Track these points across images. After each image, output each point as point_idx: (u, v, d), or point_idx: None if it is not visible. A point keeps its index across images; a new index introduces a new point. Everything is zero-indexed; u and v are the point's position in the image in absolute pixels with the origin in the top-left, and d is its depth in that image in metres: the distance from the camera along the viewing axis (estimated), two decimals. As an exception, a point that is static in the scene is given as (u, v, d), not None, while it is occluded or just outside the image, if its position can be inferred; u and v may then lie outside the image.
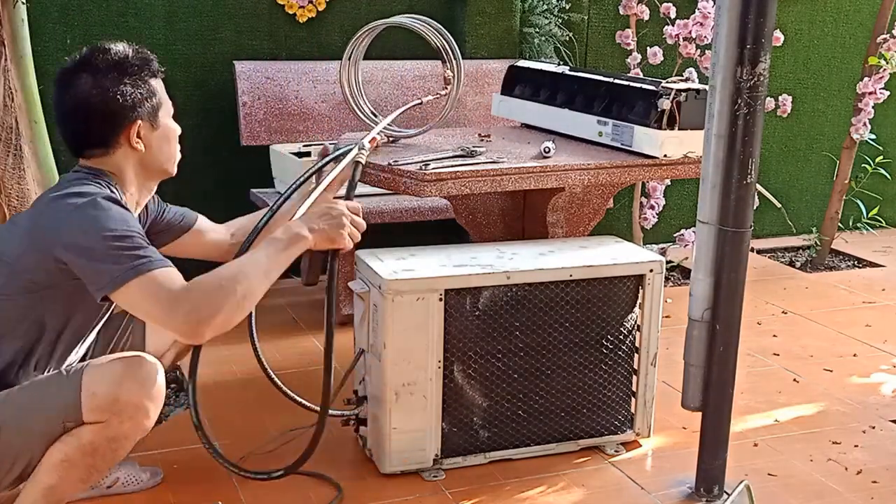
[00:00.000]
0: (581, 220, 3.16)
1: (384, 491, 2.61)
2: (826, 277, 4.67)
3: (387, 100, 4.17)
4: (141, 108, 2.21)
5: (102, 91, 2.18)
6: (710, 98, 2.41)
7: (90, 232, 2.03)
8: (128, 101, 2.19)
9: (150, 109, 2.23)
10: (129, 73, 2.21)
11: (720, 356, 2.50)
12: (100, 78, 2.19)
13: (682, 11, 4.14)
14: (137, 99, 2.20)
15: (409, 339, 2.57)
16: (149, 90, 2.24)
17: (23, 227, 2.15)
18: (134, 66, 2.22)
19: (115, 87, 2.18)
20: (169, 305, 2.01)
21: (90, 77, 2.20)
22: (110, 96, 2.18)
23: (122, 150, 2.22)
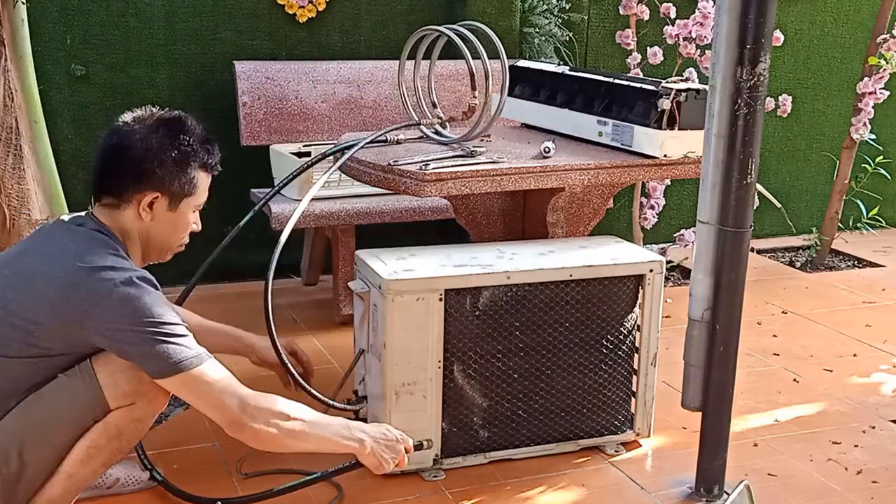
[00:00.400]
0: (581, 220, 3.15)
1: (384, 491, 2.61)
2: (826, 277, 4.67)
3: (387, 100, 4.17)
4: (169, 184, 2.18)
5: (146, 147, 2.16)
6: (710, 98, 2.41)
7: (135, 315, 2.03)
8: (160, 171, 2.17)
9: (177, 190, 2.20)
10: (180, 150, 2.19)
11: (720, 356, 2.50)
12: (153, 136, 2.18)
13: (682, 11, 4.14)
14: (171, 175, 2.18)
15: (409, 339, 2.57)
16: (189, 176, 2.21)
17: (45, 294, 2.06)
18: (189, 148, 2.21)
19: (160, 152, 2.17)
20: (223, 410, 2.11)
21: (146, 131, 2.19)
22: (150, 155, 2.16)
23: (131, 212, 2.19)
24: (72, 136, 3.94)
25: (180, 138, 2.21)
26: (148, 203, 2.18)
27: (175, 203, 2.22)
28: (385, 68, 4.20)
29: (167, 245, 2.28)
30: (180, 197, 2.22)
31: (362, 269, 2.73)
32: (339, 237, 3.83)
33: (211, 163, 2.27)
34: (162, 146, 2.18)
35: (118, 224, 2.20)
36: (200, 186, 2.25)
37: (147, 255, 2.27)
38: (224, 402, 2.09)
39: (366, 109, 4.17)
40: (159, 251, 2.28)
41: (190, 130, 2.24)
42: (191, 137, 2.22)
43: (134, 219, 2.20)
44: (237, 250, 2.94)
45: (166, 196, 2.20)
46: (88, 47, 3.92)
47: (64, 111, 3.92)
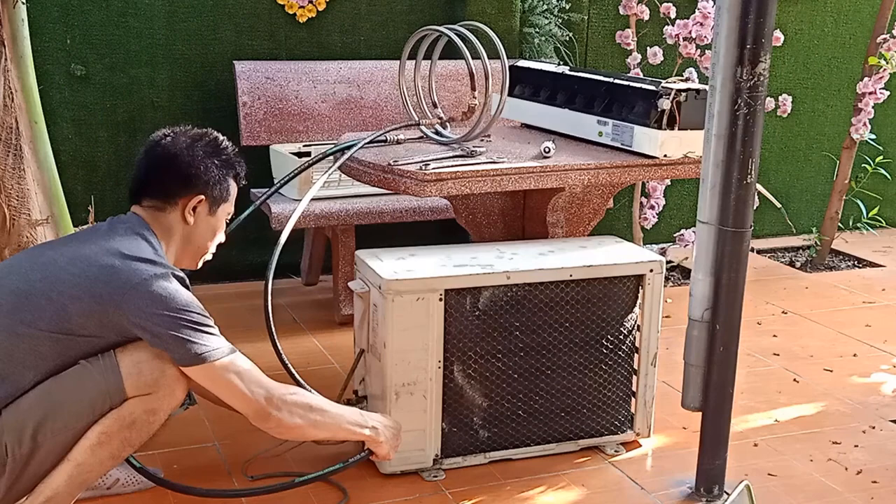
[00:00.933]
0: (581, 220, 3.15)
1: (384, 491, 2.61)
2: (826, 277, 4.67)
3: (387, 100, 4.17)
4: (212, 189, 2.33)
5: (193, 154, 2.32)
6: (710, 98, 2.41)
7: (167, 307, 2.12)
8: (206, 176, 2.32)
9: (217, 195, 2.35)
10: (220, 158, 2.36)
11: (720, 356, 2.50)
12: (197, 144, 2.34)
13: (682, 11, 4.15)
14: (214, 180, 2.33)
15: (409, 339, 2.57)
16: (226, 184, 2.37)
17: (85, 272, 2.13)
18: (228, 158, 2.39)
19: (205, 158, 2.33)
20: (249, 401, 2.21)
21: (190, 140, 2.34)
22: (196, 161, 2.31)
23: (175, 215, 2.31)
24: (72, 136, 3.94)
25: (221, 147, 2.39)
26: (193, 206, 2.31)
27: (215, 208, 2.36)
28: (385, 68, 4.20)
29: (202, 249, 2.41)
30: (219, 202, 2.37)
31: (362, 269, 2.73)
32: (339, 237, 3.83)
33: (241, 173, 2.44)
34: (207, 153, 2.34)
35: (160, 225, 2.31)
36: (232, 195, 2.42)
37: (181, 259, 2.37)
38: (251, 393, 2.20)
39: (366, 109, 4.17)
40: (193, 256, 2.40)
41: (224, 145, 2.41)
42: (227, 150, 2.41)
43: (178, 221, 2.32)
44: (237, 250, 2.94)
45: (208, 200, 2.34)
46: (88, 47, 3.92)
47: (64, 111, 3.92)
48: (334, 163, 2.90)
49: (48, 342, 2.11)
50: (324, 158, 2.99)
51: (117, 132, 4.02)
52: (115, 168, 4.02)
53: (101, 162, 4.02)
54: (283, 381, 2.64)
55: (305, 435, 2.38)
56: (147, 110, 4.04)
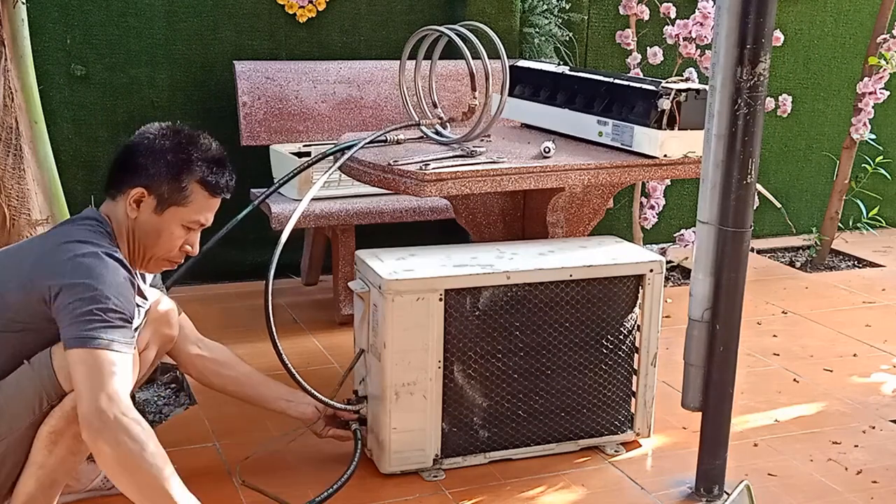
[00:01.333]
0: (581, 220, 3.15)
1: (384, 491, 2.61)
2: (826, 277, 4.67)
3: (387, 100, 4.17)
4: (158, 185, 2.20)
5: (150, 146, 2.22)
6: (710, 98, 2.41)
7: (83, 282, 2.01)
8: (152, 169, 2.20)
9: (164, 194, 2.20)
10: (179, 157, 2.21)
11: (720, 356, 2.50)
12: (159, 138, 2.23)
13: (682, 11, 4.14)
14: (161, 175, 2.20)
15: (409, 339, 2.57)
16: (180, 184, 2.21)
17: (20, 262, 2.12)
18: (189, 160, 2.22)
19: (159, 153, 2.21)
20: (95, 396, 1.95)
21: (156, 133, 2.25)
22: (147, 153, 2.21)
23: (122, 205, 2.22)
24: (72, 136, 3.94)
25: (183, 146, 2.24)
26: (135, 198, 2.20)
27: (161, 207, 2.22)
28: (385, 68, 4.20)
29: (151, 251, 2.26)
30: (167, 203, 2.22)
31: (362, 268, 2.73)
32: (339, 237, 3.83)
33: (212, 181, 2.25)
34: (163, 148, 2.22)
35: (113, 216, 2.24)
36: (195, 203, 2.24)
37: (135, 260, 2.27)
38: (98, 394, 1.94)
39: (366, 109, 4.17)
40: (143, 257, 2.27)
41: (198, 145, 2.26)
42: (195, 150, 2.24)
43: (123, 213, 2.22)
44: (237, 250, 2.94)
45: (153, 196, 2.21)
46: (88, 47, 3.92)
47: (64, 111, 3.92)
48: (334, 163, 2.90)
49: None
50: (324, 158, 3.00)
51: (117, 132, 4.01)
52: (115, 168, 4.02)
53: (101, 162, 4.02)
54: (283, 381, 2.65)
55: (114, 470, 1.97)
56: (147, 110, 4.04)
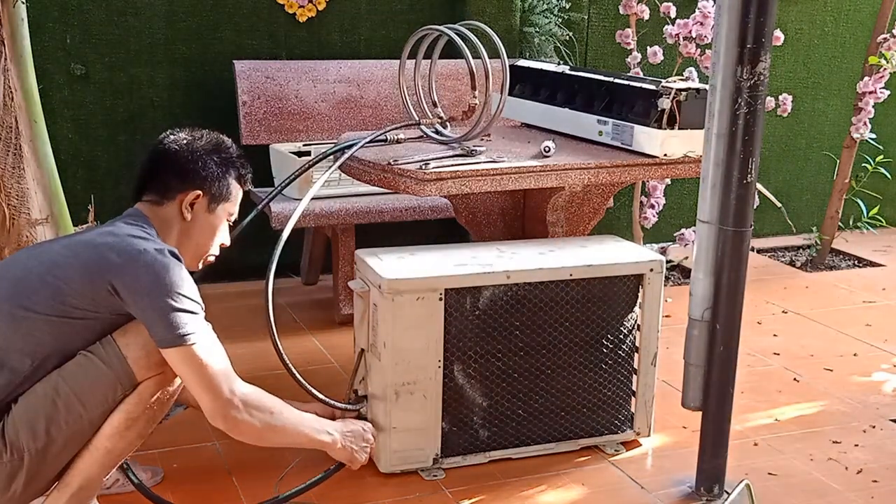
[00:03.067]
0: (581, 220, 3.15)
1: (384, 490, 2.61)
2: (826, 277, 4.67)
3: (387, 99, 4.17)
4: (210, 185, 2.33)
5: (192, 150, 2.33)
6: (711, 97, 2.41)
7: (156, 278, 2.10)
8: (204, 171, 2.32)
9: (216, 193, 2.34)
10: (220, 156, 2.36)
11: (720, 356, 2.50)
12: (198, 142, 2.36)
13: (682, 11, 4.14)
14: (213, 176, 2.33)
15: (409, 338, 2.57)
16: (226, 182, 2.36)
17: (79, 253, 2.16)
18: (229, 157, 2.38)
19: (203, 154, 2.33)
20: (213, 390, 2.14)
21: (190, 138, 2.36)
22: (194, 157, 2.32)
23: (173, 210, 2.30)
24: (72, 136, 3.94)
25: (222, 146, 2.39)
26: (190, 201, 2.31)
27: (213, 205, 2.35)
28: (385, 68, 4.20)
29: (201, 248, 2.38)
30: (218, 200, 2.35)
31: (362, 268, 2.72)
32: (339, 236, 3.83)
33: (245, 175, 2.42)
34: (206, 150, 2.35)
35: (159, 219, 2.31)
36: (234, 195, 2.40)
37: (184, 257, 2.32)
38: (217, 386, 2.15)
39: (366, 109, 4.16)
40: (193, 255, 2.37)
41: (227, 144, 2.41)
42: (231, 149, 2.41)
43: (175, 216, 2.31)
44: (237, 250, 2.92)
45: (207, 196, 2.33)
46: (88, 47, 3.92)
47: (64, 111, 3.92)
48: (334, 162, 2.90)
49: (45, 325, 2.10)
50: (324, 158, 2.99)
51: (117, 131, 4.02)
52: (115, 167, 4.02)
53: (100, 161, 4.02)
54: (284, 381, 2.65)
55: (263, 439, 2.27)
56: (147, 110, 4.04)
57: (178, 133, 2.38)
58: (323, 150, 3.04)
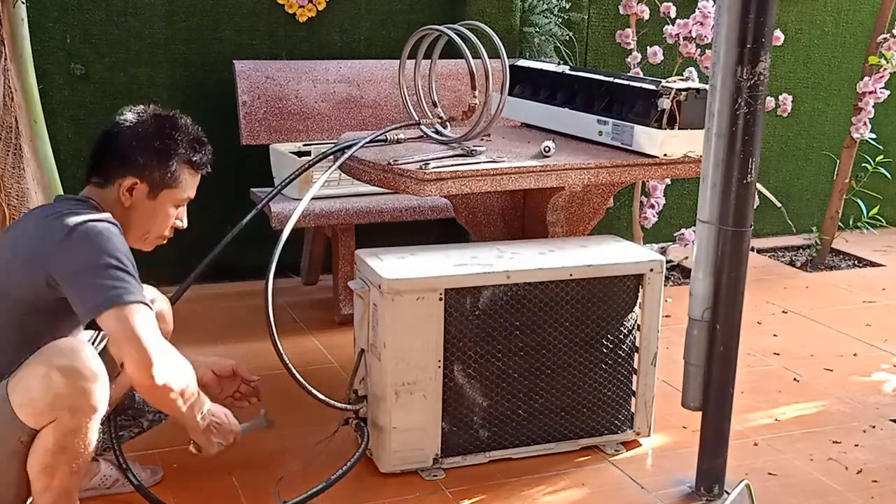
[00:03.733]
0: (581, 220, 3.15)
1: (384, 490, 2.61)
2: (826, 277, 4.67)
3: (387, 99, 4.17)
4: (150, 172, 2.27)
5: (134, 135, 2.28)
6: (711, 97, 2.41)
7: (88, 251, 2.07)
8: (142, 159, 2.26)
9: (156, 180, 2.28)
10: (163, 142, 2.29)
11: (720, 356, 2.50)
12: (141, 126, 2.30)
13: (682, 11, 4.14)
14: (152, 163, 2.27)
15: (409, 338, 2.57)
16: (170, 168, 2.29)
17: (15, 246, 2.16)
18: (173, 142, 2.29)
19: (144, 140, 2.27)
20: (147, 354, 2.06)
21: (137, 120, 2.31)
22: (133, 143, 2.27)
23: (113, 193, 2.27)
24: (71, 136, 3.94)
25: (167, 132, 2.30)
26: (128, 188, 2.26)
27: (154, 192, 2.29)
28: (385, 68, 4.20)
29: (145, 232, 2.34)
30: (160, 187, 2.29)
31: (362, 268, 2.72)
32: (339, 236, 3.83)
33: (197, 160, 2.34)
34: (148, 136, 2.28)
35: (104, 202, 2.28)
36: (184, 182, 2.33)
37: (127, 238, 2.29)
38: (146, 345, 2.05)
39: (366, 109, 4.16)
40: (138, 237, 2.34)
41: (180, 127, 2.33)
42: (178, 133, 2.32)
43: (115, 200, 2.28)
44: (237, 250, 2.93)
45: (146, 183, 2.28)
46: (88, 46, 3.92)
47: (64, 110, 3.92)
48: (334, 162, 2.90)
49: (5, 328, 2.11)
50: (324, 158, 2.99)
51: (117, 131, 4.01)
52: (115, 167, 4.02)
53: (100, 161, 4.02)
54: (284, 381, 2.65)
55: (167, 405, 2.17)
56: (147, 110, 4.04)
57: (127, 113, 2.32)
58: (323, 150, 3.04)
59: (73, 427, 2.05)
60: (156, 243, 2.39)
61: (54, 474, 2.08)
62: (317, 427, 2.78)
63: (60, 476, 2.09)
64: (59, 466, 2.08)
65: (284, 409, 2.76)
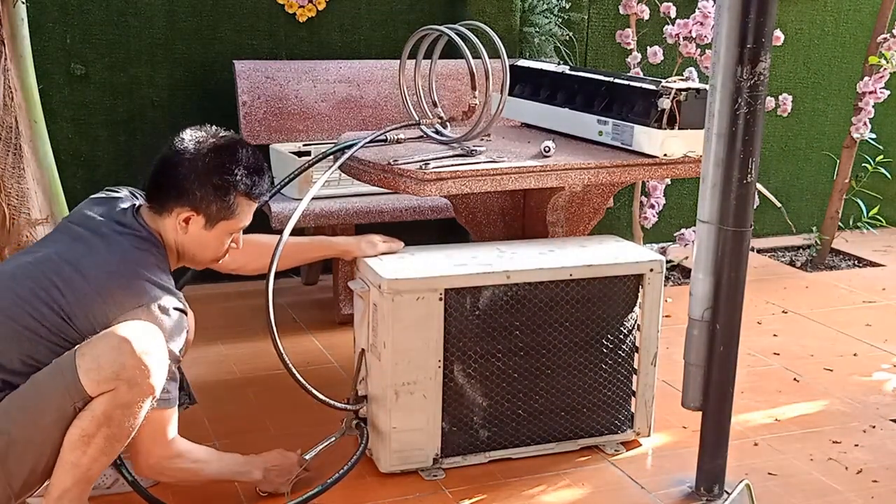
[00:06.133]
0: (581, 220, 3.15)
1: (384, 490, 2.61)
2: (826, 277, 4.67)
3: (387, 99, 4.17)
4: (207, 206, 2.30)
5: (193, 168, 2.28)
6: (711, 97, 2.41)
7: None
8: (199, 192, 2.29)
9: (213, 213, 2.32)
10: (221, 177, 2.30)
11: (720, 356, 2.50)
12: (200, 159, 2.29)
13: (682, 11, 4.14)
14: (209, 197, 2.30)
15: (409, 338, 2.57)
16: (227, 202, 2.31)
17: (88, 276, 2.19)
18: (231, 177, 2.30)
19: (203, 174, 2.28)
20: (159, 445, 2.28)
21: (196, 152, 2.30)
22: (193, 176, 2.28)
23: (170, 222, 2.32)
24: (71, 136, 3.94)
25: (226, 167, 2.31)
26: (184, 219, 2.31)
27: (211, 224, 2.33)
28: (385, 68, 4.20)
29: (199, 259, 2.42)
30: (217, 219, 2.33)
31: (362, 268, 2.72)
32: (339, 236, 3.82)
33: (255, 192, 2.36)
34: (207, 171, 2.29)
35: (160, 228, 2.34)
36: (241, 212, 2.36)
37: (180, 261, 2.41)
38: (160, 447, 2.27)
39: (366, 109, 4.16)
40: (191, 261, 2.42)
41: (238, 159, 2.33)
42: (236, 167, 2.32)
43: (171, 229, 2.33)
44: (237, 250, 2.94)
45: (202, 216, 2.31)
46: (88, 46, 3.92)
47: (64, 110, 3.92)
48: (334, 162, 2.90)
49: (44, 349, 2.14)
50: (324, 158, 2.99)
51: (117, 131, 4.01)
52: (115, 167, 4.02)
53: (100, 161, 4.02)
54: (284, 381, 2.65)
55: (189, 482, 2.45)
56: (147, 109, 4.04)
57: (188, 138, 2.33)
58: (323, 150, 3.04)
59: (127, 401, 2.10)
60: (210, 266, 2.47)
61: (89, 445, 2.10)
62: (317, 427, 2.78)
63: (93, 452, 2.11)
64: (96, 439, 2.10)
65: (285, 409, 2.77)
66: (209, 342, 3.51)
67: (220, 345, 3.53)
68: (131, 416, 2.13)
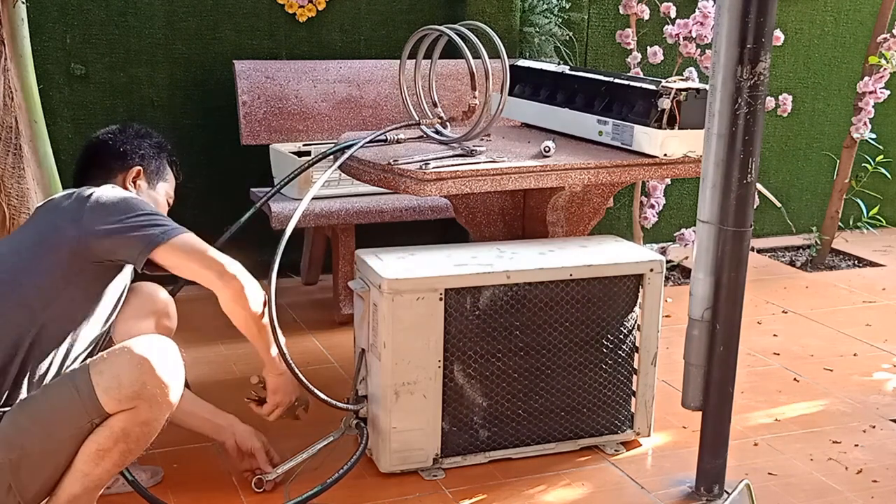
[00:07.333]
0: (581, 220, 3.15)
1: (384, 490, 2.61)
2: (826, 277, 4.67)
3: (387, 99, 4.17)
4: (149, 162, 2.52)
5: (125, 136, 2.52)
6: (711, 97, 2.41)
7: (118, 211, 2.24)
8: (140, 150, 2.51)
9: (154, 170, 2.53)
10: (153, 140, 2.56)
11: (720, 356, 2.50)
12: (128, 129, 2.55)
13: (683, 11, 4.14)
14: (148, 155, 2.52)
15: (409, 338, 2.57)
16: (160, 162, 2.55)
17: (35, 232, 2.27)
18: (159, 142, 2.57)
19: (135, 138, 2.53)
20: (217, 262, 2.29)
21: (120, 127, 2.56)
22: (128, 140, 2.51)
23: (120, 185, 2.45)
24: (72, 136, 3.94)
25: (150, 133, 2.59)
26: (133, 178, 2.47)
27: (154, 182, 2.53)
28: (385, 67, 4.20)
29: None
30: (157, 178, 2.54)
31: (362, 268, 2.72)
32: (339, 236, 3.83)
33: (177, 162, 2.61)
34: (138, 135, 2.55)
35: None
36: (170, 177, 2.59)
37: None
38: (212, 258, 2.28)
39: (366, 109, 4.16)
40: None
41: (157, 134, 2.60)
42: (160, 137, 2.60)
43: None
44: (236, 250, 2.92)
45: (146, 173, 2.50)
46: (88, 46, 3.92)
47: (64, 110, 3.92)
48: (334, 162, 2.90)
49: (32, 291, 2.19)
50: (324, 158, 2.99)
51: (117, 131, 4.01)
52: (115, 167, 4.02)
53: (100, 161, 4.02)
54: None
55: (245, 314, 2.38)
56: (147, 109, 4.04)
57: (112, 126, 2.56)
58: (323, 150, 3.04)
59: (146, 419, 2.10)
60: None
61: (104, 458, 2.10)
62: (317, 427, 2.78)
63: (106, 464, 2.11)
64: (112, 453, 2.10)
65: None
66: (209, 342, 3.51)
67: (219, 345, 3.53)
68: (150, 432, 2.13)
